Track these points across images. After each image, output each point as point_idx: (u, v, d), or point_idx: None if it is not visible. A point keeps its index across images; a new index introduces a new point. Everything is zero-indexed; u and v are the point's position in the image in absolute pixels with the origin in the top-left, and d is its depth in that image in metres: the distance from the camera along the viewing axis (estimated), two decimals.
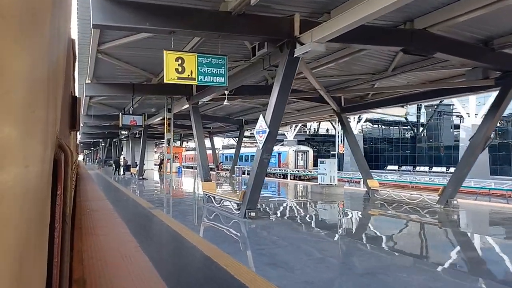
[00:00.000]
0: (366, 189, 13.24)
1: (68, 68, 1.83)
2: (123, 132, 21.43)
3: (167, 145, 14.80)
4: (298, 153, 34.52)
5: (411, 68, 10.36)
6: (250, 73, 9.06)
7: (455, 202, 10.32)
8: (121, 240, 6.01)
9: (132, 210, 9.85)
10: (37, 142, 0.73)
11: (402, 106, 15.71)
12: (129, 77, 12.41)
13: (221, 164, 28.66)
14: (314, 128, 67.06)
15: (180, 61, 6.86)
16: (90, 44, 8.55)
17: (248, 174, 32.67)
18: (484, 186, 20.36)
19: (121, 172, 27.25)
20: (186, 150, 55.89)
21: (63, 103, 1.39)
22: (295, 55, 6.72)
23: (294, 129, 55.72)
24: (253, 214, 7.87)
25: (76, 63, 5.05)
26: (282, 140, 57.91)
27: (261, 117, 7.60)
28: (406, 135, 46.73)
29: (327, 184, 14.30)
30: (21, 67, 0.57)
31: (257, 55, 7.34)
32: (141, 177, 21.27)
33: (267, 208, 10.47)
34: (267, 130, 7.33)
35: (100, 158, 63.81)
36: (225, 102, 11.31)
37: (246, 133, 28.76)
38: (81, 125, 25.72)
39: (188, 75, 6.94)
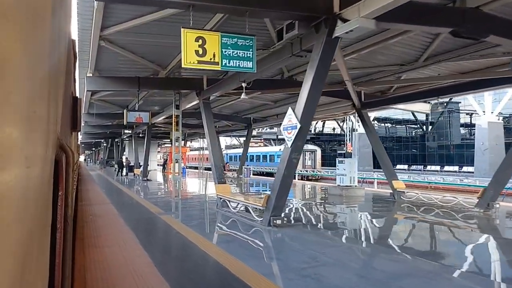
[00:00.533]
0: (391, 191, 12.15)
1: (69, 68, 1.82)
2: (126, 131, 20.32)
3: (176, 144, 13.76)
4: (306, 152, 33.40)
5: (448, 57, 9.41)
6: (273, 62, 8.11)
7: (497, 205, 9.25)
8: (130, 253, 5.03)
9: (140, 216, 8.86)
10: (38, 142, 0.74)
11: (426, 102, 14.87)
12: (134, 70, 11.57)
13: (228, 164, 27.61)
14: (318, 127, 65.78)
15: (200, 42, 5.90)
16: (92, 29, 7.67)
17: (256, 174, 31.97)
18: None
19: (124, 173, 26.09)
20: (190, 150, 54.77)
21: (64, 103, 1.41)
22: (334, 35, 5.65)
23: None
24: (278, 222, 6.88)
25: (77, 63, 4.80)
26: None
27: (289, 110, 6.59)
28: (413, 134, 45.46)
29: (346, 186, 13.25)
30: (23, 67, 0.58)
31: (284, 39, 6.27)
32: (145, 178, 20.26)
33: (289, 213, 9.42)
34: (298, 126, 6.32)
35: (101, 158, 63.11)
36: (243, 96, 10.12)
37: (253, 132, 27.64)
38: (82, 124, 24.35)
39: (211, 59, 5.90)
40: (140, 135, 22.85)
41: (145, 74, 11.98)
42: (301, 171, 32.04)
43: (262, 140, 65.94)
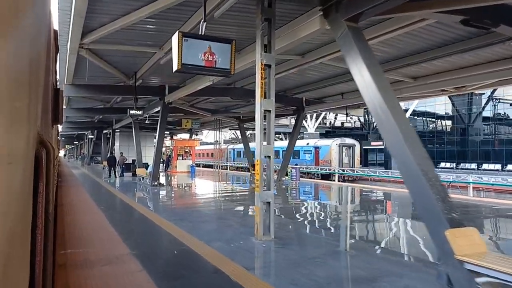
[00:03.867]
0: None
1: (50, 60, 1.79)
2: (133, 112, 14.07)
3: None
4: (343, 147, 27.81)
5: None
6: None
7: None
8: None
9: None
10: (19, 137, 0.76)
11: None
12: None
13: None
14: (331, 121, 60.33)
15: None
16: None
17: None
18: None
19: (118, 173, 22.22)
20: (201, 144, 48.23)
21: (45, 96, 1.43)
22: None
23: (316, 120, 48.98)
24: None
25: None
26: (302, 133, 51.38)
27: None
28: (448, 129, 40.18)
29: None
30: (2, 60, 0.59)
31: None
32: (155, 183, 14.09)
33: None
34: None
35: (83, 153, 56.91)
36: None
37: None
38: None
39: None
40: (146, 122, 16.80)
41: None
42: (337, 170, 26.46)
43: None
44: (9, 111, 0.63)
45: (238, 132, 58.89)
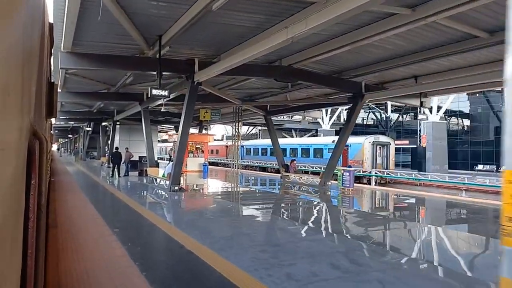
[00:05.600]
0: None
1: (44, 54, 1.83)
2: (157, 93, 10.41)
3: None
4: (376, 146, 24.57)
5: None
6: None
7: None
8: None
9: None
10: (11, 128, 0.76)
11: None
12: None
13: (294, 162, 18.27)
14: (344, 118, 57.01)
15: None
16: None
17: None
18: None
19: (122, 173, 19.10)
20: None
21: (39, 88, 1.45)
22: None
23: (330, 117, 45.71)
24: None
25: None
26: (316, 130, 48.09)
27: None
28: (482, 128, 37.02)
29: None
30: None
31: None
32: (176, 188, 12.19)
33: None
34: None
35: (76, 148, 53.70)
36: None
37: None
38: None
39: None
40: (162, 110, 13.68)
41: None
42: (370, 172, 23.39)
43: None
44: (1, 102, 0.64)
45: (244, 127, 55.45)
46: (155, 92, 9.79)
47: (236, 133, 19.46)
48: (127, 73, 13.52)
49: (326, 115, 46.14)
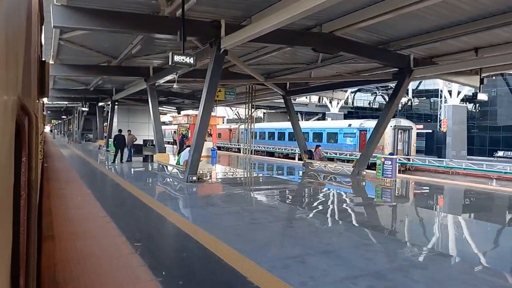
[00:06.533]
0: None
1: (31, 30, 1.68)
2: (180, 59, 8.14)
3: None
4: (398, 130, 22.84)
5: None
6: None
7: None
8: None
9: None
10: None
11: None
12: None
13: (320, 148, 16.37)
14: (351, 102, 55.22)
15: None
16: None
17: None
18: None
19: (125, 158, 17.12)
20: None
21: (27, 66, 1.40)
22: None
23: (339, 101, 43.71)
24: None
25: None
26: (324, 114, 46.12)
27: None
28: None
29: None
30: None
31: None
32: (193, 177, 10.61)
33: None
34: None
35: (69, 130, 51.86)
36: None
37: None
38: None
39: None
40: (175, 86, 12.11)
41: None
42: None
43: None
44: None
45: (241, 111, 52.74)
46: (177, 58, 7.63)
47: (249, 115, 17.38)
48: (134, 41, 11.34)
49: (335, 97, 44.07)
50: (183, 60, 7.70)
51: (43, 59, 2.84)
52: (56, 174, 12.47)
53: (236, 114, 59.54)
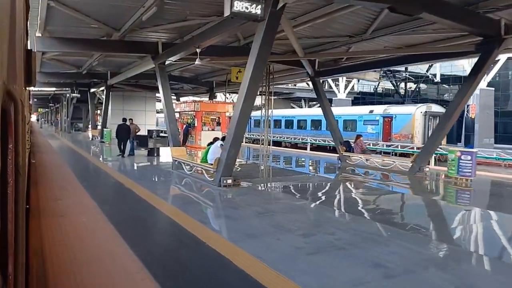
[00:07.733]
0: None
1: (15, 19, 1.62)
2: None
3: None
4: (430, 118, 20.71)
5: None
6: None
7: None
8: None
9: None
10: None
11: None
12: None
13: (361, 139, 13.93)
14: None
15: None
16: None
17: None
18: None
19: (127, 152, 14.76)
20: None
21: (12, 52, 1.35)
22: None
23: (346, 86, 41.31)
24: None
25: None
26: (330, 100, 43.64)
27: None
28: None
29: None
30: None
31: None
32: (228, 182, 8.34)
33: None
34: None
35: (57, 119, 49.31)
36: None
37: None
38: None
39: None
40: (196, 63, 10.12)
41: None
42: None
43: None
44: None
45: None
46: (238, 5, 4.89)
47: (266, 99, 14.60)
48: (147, 3, 8.66)
49: (342, 81, 41.51)
50: (245, 9, 5.00)
51: (30, 48, 2.77)
52: (47, 174, 9.83)
53: (232, 100, 56.81)
